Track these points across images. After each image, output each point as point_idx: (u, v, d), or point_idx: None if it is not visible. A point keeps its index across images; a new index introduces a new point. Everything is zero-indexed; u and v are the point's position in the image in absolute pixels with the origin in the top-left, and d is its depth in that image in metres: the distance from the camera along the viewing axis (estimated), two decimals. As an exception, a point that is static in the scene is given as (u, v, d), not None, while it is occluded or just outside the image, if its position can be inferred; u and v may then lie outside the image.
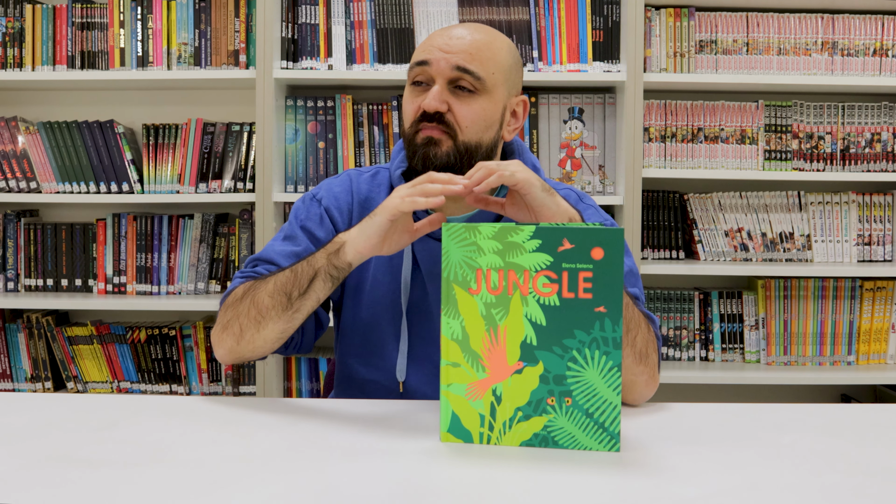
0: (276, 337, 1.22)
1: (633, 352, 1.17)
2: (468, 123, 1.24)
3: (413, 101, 1.27)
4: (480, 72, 1.23)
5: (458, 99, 1.24)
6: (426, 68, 1.25)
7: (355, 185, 1.39)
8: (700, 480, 0.90)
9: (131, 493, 0.85)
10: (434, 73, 1.24)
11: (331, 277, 1.17)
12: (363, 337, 1.35)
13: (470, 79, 1.23)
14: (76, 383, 2.56)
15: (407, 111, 1.28)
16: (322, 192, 1.39)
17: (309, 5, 2.42)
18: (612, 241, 0.96)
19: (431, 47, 1.25)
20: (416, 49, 1.30)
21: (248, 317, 1.21)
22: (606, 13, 2.41)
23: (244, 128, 2.51)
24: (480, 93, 1.24)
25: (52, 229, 2.58)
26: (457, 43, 1.24)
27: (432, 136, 1.24)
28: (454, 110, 1.24)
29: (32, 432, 1.06)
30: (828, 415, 1.19)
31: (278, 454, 0.98)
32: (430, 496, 0.86)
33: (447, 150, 1.24)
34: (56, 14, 2.49)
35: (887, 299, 2.52)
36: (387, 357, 1.34)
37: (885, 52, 2.46)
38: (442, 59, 1.23)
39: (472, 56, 1.23)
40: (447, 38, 1.25)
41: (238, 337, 1.23)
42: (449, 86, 1.24)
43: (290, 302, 1.18)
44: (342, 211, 1.37)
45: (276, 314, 1.19)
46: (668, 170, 2.46)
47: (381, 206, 1.14)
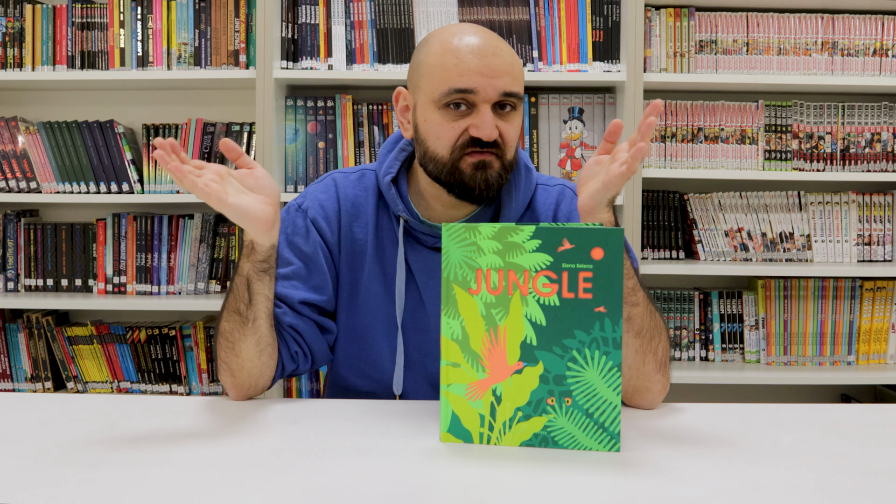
0: (256, 353, 1.22)
1: (654, 360, 1.16)
2: (512, 143, 1.25)
3: (453, 126, 1.21)
4: (520, 90, 1.24)
5: (504, 119, 1.23)
6: (469, 96, 1.20)
7: (341, 191, 1.35)
8: (700, 480, 0.90)
9: (131, 493, 0.85)
10: (480, 101, 1.20)
11: (262, 272, 1.19)
12: (358, 348, 1.34)
13: (513, 100, 1.22)
14: (76, 383, 2.56)
15: (444, 136, 1.22)
16: (308, 201, 1.36)
17: (309, 5, 2.42)
18: (612, 241, 0.96)
19: (469, 71, 1.19)
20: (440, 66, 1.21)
21: (224, 350, 1.22)
22: (606, 13, 2.41)
23: (244, 128, 2.51)
24: (517, 109, 1.25)
25: (52, 229, 2.58)
26: (495, 63, 1.20)
27: (485, 160, 1.22)
28: (503, 132, 1.23)
29: (32, 432, 1.06)
30: (828, 415, 1.19)
31: (278, 454, 0.98)
32: (430, 496, 0.86)
33: (498, 170, 1.23)
34: (56, 14, 2.49)
35: (887, 299, 2.52)
36: (382, 369, 1.32)
37: (885, 52, 2.46)
38: (488, 85, 1.19)
39: (512, 76, 1.22)
40: (482, 57, 1.20)
41: (229, 372, 1.23)
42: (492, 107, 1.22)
43: (243, 317, 1.20)
44: (329, 220, 1.34)
45: (239, 333, 1.20)
46: (668, 170, 2.46)
47: (201, 196, 1.10)
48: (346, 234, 1.34)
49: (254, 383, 1.24)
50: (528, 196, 1.33)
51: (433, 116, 1.23)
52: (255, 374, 1.23)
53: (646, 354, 1.16)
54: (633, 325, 1.15)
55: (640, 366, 1.16)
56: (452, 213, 1.31)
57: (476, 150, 1.21)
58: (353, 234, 1.34)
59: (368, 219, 1.34)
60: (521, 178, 1.32)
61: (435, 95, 1.21)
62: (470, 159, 1.22)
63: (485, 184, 1.22)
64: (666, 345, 1.20)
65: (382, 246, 1.33)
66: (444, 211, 1.31)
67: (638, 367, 1.16)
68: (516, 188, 1.31)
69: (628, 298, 1.14)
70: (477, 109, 1.21)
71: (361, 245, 1.33)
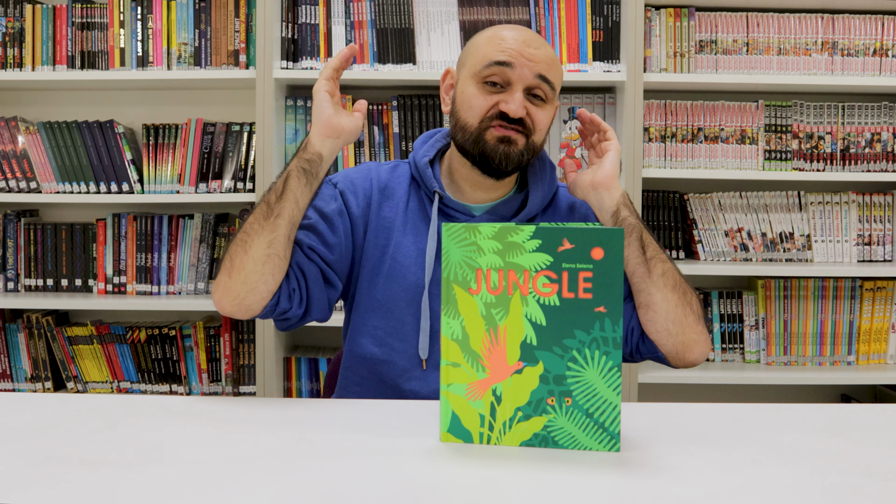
0: (264, 256, 1.22)
1: (693, 312, 1.26)
2: (541, 127, 1.32)
3: (486, 99, 1.30)
4: (555, 82, 1.32)
5: (534, 105, 1.31)
6: (507, 70, 1.28)
7: (374, 174, 1.42)
8: (700, 480, 0.90)
9: (131, 493, 0.85)
10: (514, 78, 1.28)
11: (304, 172, 1.24)
12: (380, 317, 1.36)
13: (546, 88, 1.30)
14: (76, 383, 2.56)
15: (476, 105, 1.30)
16: (339, 177, 1.43)
17: (309, 5, 2.42)
18: (612, 241, 0.96)
19: (512, 51, 1.28)
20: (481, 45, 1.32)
21: (235, 244, 1.24)
22: (606, 13, 2.41)
23: (244, 128, 2.51)
24: (549, 102, 1.32)
25: (52, 229, 2.58)
26: (536, 52, 1.29)
27: (509, 136, 1.29)
28: (531, 114, 1.30)
29: (32, 432, 1.06)
30: (828, 415, 1.19)
31: (278, 454, 0.98)
32: (430, 496, 0.86)
33: (521, 148, 1.30)
34: (56, 14, 2.49)
35: (887, 299, 2.51)
36: (404, 337, 1.35)
37: (885, 52, 2.46)
38: (526, 65, 1.28)
39: (550, 66, 1.30)
40: (523, 44, 1.29)
41: (229, 269, 1.24)
42: (525, 91, 1.29)
43: (270, 208, 1.23)
44: (357, 195, 1.39)
45: (258, 226, 1.22)
46: (668, 170, 2.46)
47: (314, 106, 1.26)
48: (375, 212, 1.39)
49: (246, 292, 1.24)
50: (552, 189, 1.42)
51: (470, 89, 1.31)
52: (252, 281, 1.23)
53: (685, 307, 1.25)
54: (669, 279, 1.25)
55: (683, 318, 1.25)
56: (480, 196, 1.38)
57: (502, 125, 1.29)
58: (382, 212, 1.39)
59: (399, 200, 1.40)
60: (546, 173, 1.41)
61: (476, 68, 1.30)
62: (495, 132, 1.29)
63: (505, 157, 1.30)
64: (699, 302, 1.30)
65: (412, 221, 1.38)
66: (472, 193, 1.38)
67: (681, 321, 1.25)
68: (542, 179, 1.39)
69: (658, 255, 1.26)
70: (511, 89, 1.29)
71: (389, 221, 1.39)
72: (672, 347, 1.27)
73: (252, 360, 2.52)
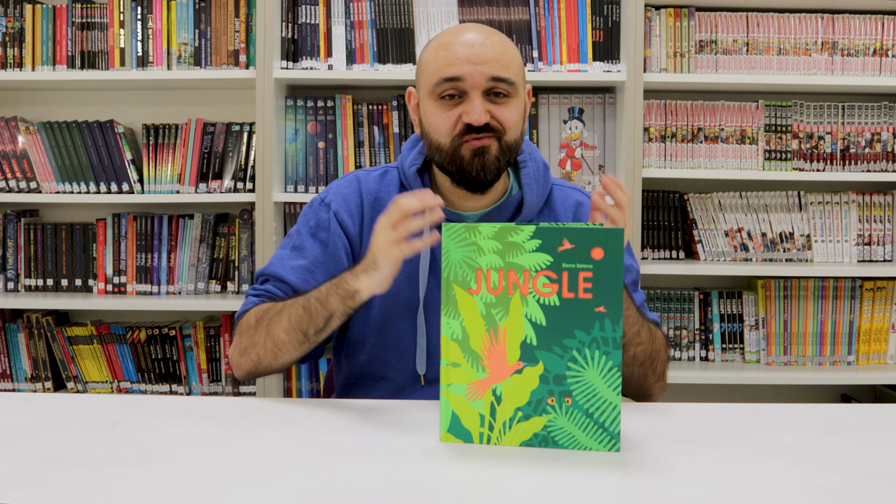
0: (293, 362, 1.29)
1: (654, 375, 1.29)
2: (511, 125, 1.28)
3: (448, 115, 1.27)
4: (511, 76, 1.26)
5: (497, 105, 1.27)
6: (459, 84, 1.25)
7: (364, 186, 1.39)
8: (700, 480, 0.90)
9: (131, 493, 0.85)
10: (468, 87, 1.25)
11: (345, 316, 1.23)
12: (377, 335, 1.35)
13: (505, 85, 1.26)
14: (76, 383, 2.56)
15: (441, 125, 1.27)
16: (331, 195, 1.39)
17: (309, 5, 2.42)
18: (612, 241, 0.96)
19: (458, 61, 1.25)
20: (431, 60, 1.28)
21: (264, 348, 1.26)
22: (606, 13, 2.41)
23: (244, 128, 2.51)
24: (512, 95, 1.28)
25: (52, 229, 2.58)
26: (483, 52, 1.25)
27: (482, 146, 1.26)
28: (496, 115, 1.26)
29: (32, 432, 1.06)
30: (828, 415, 1.19)
31: (278, 454, 0.98)
32: (430, 496, 0.86)
33: (496, 153, 1.27)
34: (56, 14, 2.49)
35: (887, 299, 2.51)
36: (402, 353, 1.34)
37: (885, 52, 2.46)
38: (475, 72, 1.24)
39: (501, 62, 1.26)
40: (469, 47, 1.25)
41: (256, 363, 1.29)
42: (484, 95, 1.26)
43: (306, 338, 1.24)
44: (352, 213, 1.37)
45: (292, 347, 1.25)
46: (668, 170, 2.46)
47: (380, 253, 1.15)
48: (368, 226, 1.36)
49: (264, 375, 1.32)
50: (546, 192, 1.38)
51: (431, 108, 1.29)
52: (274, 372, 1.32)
53: (648, 375, 1.28)
54: (637, 359, 1.26)
55: (643, 382, 1.29)
56: (471, 204, 1.35)
57: (474, 137, 1.26)
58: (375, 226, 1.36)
59: None
60: (540, 174, 1.37)
61: (430, 88, 1.28)
62: (468, 146, 1.26)
63: (481, 168, 1.26)
64: (664, 356, 1.31)
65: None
66: (461, 203, 1.35)
67: (641, 384, 1.30)
68: (536, 183, 1.36)
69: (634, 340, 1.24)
70: (468, 97, 1.25)
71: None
72: (632, 396, 1.33)
73: (252, 360, 2.52)
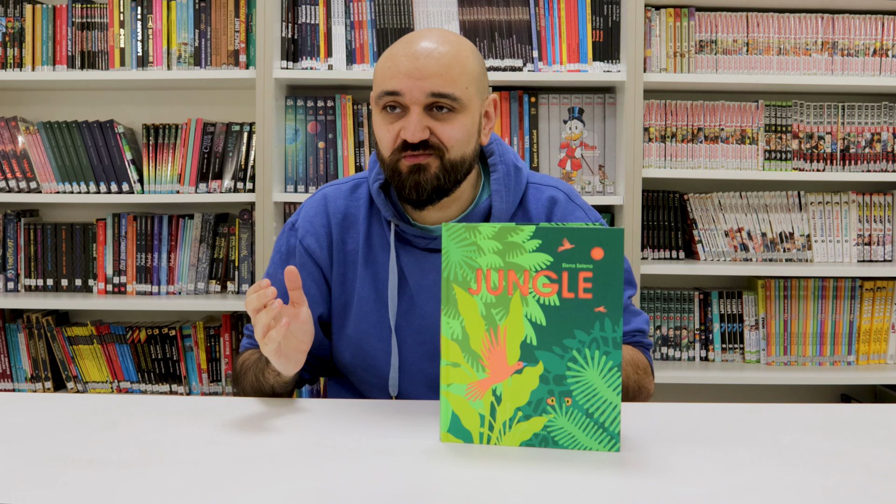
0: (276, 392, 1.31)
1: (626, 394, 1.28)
2: (453, 143, 1.22)
3: (389, 129, 1.22)
4: (456, 91, 1.20)
5: (438, 120, 1.21)
6: (398, 98, 1.20)
7: (331, 205, 1.36)
8: (700, 480, 0.90)
9: (131, 493, 0.85)
10: (408, 102, 1.19)
11: (287, 386, 1.27)
12: (355, 355, 1.35)
13: (447, 101, 1.20)
14: (76, 383, 2.56)
15: (383, 138, 1.23)
16: (300, 219, 1.38)
17: (309, 5, 2.42)
18: (612, 241, 0.96)
19: (398, 74, 1.19)
20: (379, 69, 1.24)
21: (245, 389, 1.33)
22: (606, 13, 2.41)
23: (244, 128, 2.51)
24: (458, 111, 1.21)
25: (52, 229, 2.58)
26: (426, 65, 1.18)
27: (419, 164, 1.21)
28: (437, 132, 1.21)
29: (32, 432, 1.06)
30: (828, 415, 1.19)
31: (278, 454, 0.98)
32: (430, 496, 0.86)
33: (435, 171, 1.22)
34: (56, 14, 2.49)
35: (887, 299, 2.51)
36: (379, 373, 1.33)
37: (885, 52, 2.46)
38: (414, 87, 1.18)
39: (444, 77, 1.19)
40: (413, 60, 1.19)
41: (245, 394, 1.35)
42: (426, 110, 1.20)
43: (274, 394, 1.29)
44: (319, 236, 1.35)
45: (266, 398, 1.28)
46: (668, 170, 2.46)
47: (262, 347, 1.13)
48: (338, 248, 1.35)
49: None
50: (518, 195, 1.33)
51: (377, 119, 1.25)
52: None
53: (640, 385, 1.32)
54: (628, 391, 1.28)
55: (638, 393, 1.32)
56: (439, 216, 1.31)
57: (409, 154, 1.21)
58: (345, 246, 1.35)
59: (360, 227, 1.34)
60: (510, 178, 1.32)
61: (375, 98, 1.24)
62: (406, 162, 1.22)
63: (415, 185, 1.22)
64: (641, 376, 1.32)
65: (374, 253, 1.33)
66: (428, 214, 1.31)
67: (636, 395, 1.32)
68: (506, 188, 1.31)
69: None
70: (409, 111, 1.20)
71: (353, 255, 1.34)
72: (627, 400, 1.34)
73: (252, 360, 2.52)
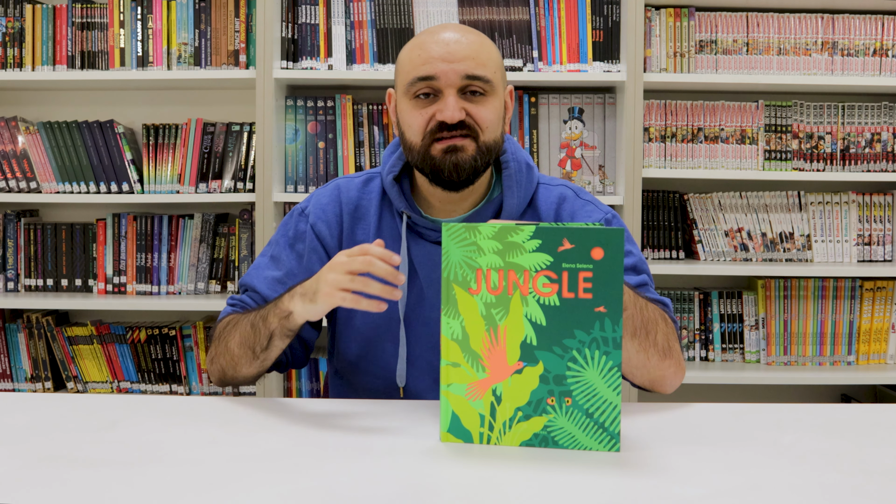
0: (255, 375, 1.30)
1: (656, 350, 1.20)
2: (488, 124, 1.25)
3: (421, 114, 1.25)
4: (488, 74, 1.24)
5: (473, 103, 1.25)
6: (433, 82, 1.24)
7: (344, 195, 1.38)
8: (700, 480, 0.90)
9: (131, 493, 0.85)
10: (443, 86, 1.23)
11: (286, 335, 1.23)
12: (362, 347, 1.35)
13: (480, 83, 1.24)
14: (76, 383, 2.56)
15: (414, 123, 1.26)
16: (311, 205, 1.39)
17: (309, 5, 2.42)
18: (612, 241, 0.96)
19: (432, 59, 1.23)
20: (407, 59, 1.27)
21: (224, 360, 1.29)
22: (606, 13, 2.41)
23: (244, 128, 2.51)
24: (489, 93, 1.26)
25: (52, 229, 2.58)
26: (457, 49, 1.23)
27: (455, 144, 1.24)
28: (472, 113, 1.24)
29: (32, 432, 1.06)
30: (828, 415, 1.19)
31: (278, 454, 0.98)
32: (430, 496, 0.86)
33: (472, 153, 1.25)
34: (56, 14, 2.49)
35: (887, 299, 2.51)
36: (386, 365, 1.33)
37: (885, 52, 2.46)
38: (449, 70, 1.23)
39: (476, 60, 1.24)
40: (444, 45, 1.24)
41: (221, 373, 1.32)
42: (459, 93, 1.24)
43: (255, 355, 1.25)
44: (330, 224, 1.36)
45: (245, 362, 1.27)
46: (668, 170, 2.46)
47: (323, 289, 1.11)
48: (347, 237, 1.36)
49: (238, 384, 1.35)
50: (529, 193, 1.35)
51: (405, 107, 1.28)
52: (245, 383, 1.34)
53: (647, 350, 1.20)
54: (627, 329, 1.17)
55: (645, 361, 1.21)
56: (451, 209, 1.33)
57: (445, 136, 1.24)
58: (355, 237, 1.36)
59: (371, 219, 1.36)
60: (522, 175, 1.33)
61: (405, 87, 1.26)
62: (439, 145, 1.24)
63: (454, 167, 1.24)
64: (666, 330, 1.23)
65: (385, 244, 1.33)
66: (442, 207, 1.33)
67: (643, 364, 1.21)
68: (518, 184, 1.32)
69: None
70: (443, 95, 1.24)
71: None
72: (641, 383, 1.27)
73: (252, 360, 2.52)
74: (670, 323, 1.26)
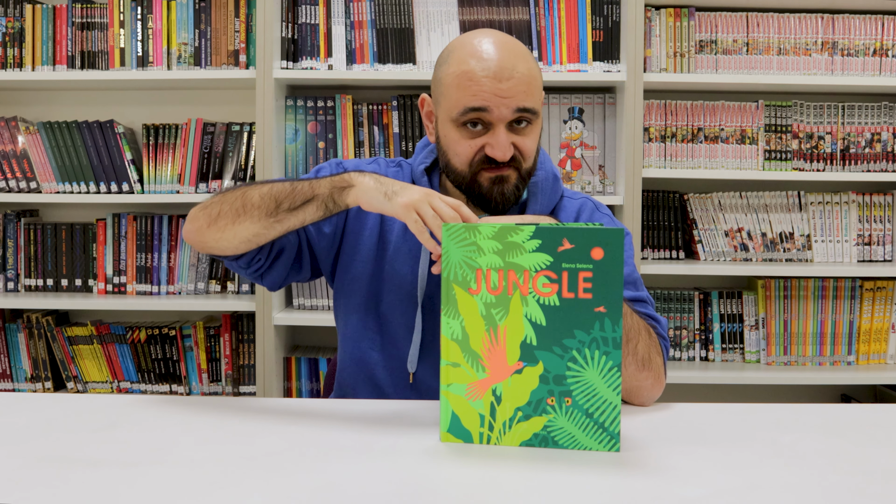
0: (248, 237, 1.25)
1: (635, 360, 1.19)
2: (530, 153, 1.28)
3: (470, 145, 1.25)
4: (536, 105, 1.26)
5: (519, 134, 1.25)
6: (484, 115, 1.23)
7: (382, 169, 1.41)
8: (700, 480, 0.90)
9: (131, 493, 0.85)
10: (495, 120, 1.23)
11: (326, 208, 1.21)
12: (378, 322, 1.36)
13: (528, 115, 1.25)
14: (76, 383, 2.56)
15: (462, 153, 1.26)
16: (349, 163, 1.42)
17: (309, 5, 2.42)
18: (611, 241, 0.96)
19: (484, 93, 1.21)
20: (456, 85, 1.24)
21: (231, 205, 1.24)
22: (606, 13, 2.41)
23: (244, 128, 2.51)
24: (534, 122, 1.27)
25: (52, 229, 2.58)
26: (511, 86, 1.21)
27: (502, 175, 1.26)
28: (519, 146, 1.25)
29: (32, 432, 1.06)
30: (828, 415, 1.19)
31: (278, 454, 0.98)
32: (430, 496, 0.86)
33: (515, 181, 1.27)
34: (56, 14, 2.49)
35: (887, 299, 2.51)
36: (399, 346, 1.34)
37: (885, 52, 2.46)
38: (502, 104, 1.22)
39: (527, 93, 1.23)
40: (496, 81, 1.21)
41: (212, 220, 1.26)
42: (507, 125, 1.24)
43: (276, 210, 1.21)
44: None
45: (258, 215, 1.22)
46: (668, 170, 2.46)
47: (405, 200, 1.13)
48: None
49: (214, 247, 1.30)
50: (553, 202, 1.38)
51: (451, 133, 1.27)
52: (224, 245, 1.28)
53: (624, 357, 1.19)
54: None
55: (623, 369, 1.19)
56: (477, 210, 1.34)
57: (493, 167, 1.25)
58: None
59: None
60: (548, 184, 1.36)
61: (452, 114, 1.25)
62: (487, 174, 1.26)
63: (501, 196, 1.27)
64: (648, 342, 1.23)
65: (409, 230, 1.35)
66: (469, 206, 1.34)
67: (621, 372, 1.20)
68: (542, 192, 1.35)
69: None
70: (493, 128, 1.24)
71: (390, 223, 1.37)
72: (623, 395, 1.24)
73: (252, 360, 2.52)
74: (655, 337, 1.26)
